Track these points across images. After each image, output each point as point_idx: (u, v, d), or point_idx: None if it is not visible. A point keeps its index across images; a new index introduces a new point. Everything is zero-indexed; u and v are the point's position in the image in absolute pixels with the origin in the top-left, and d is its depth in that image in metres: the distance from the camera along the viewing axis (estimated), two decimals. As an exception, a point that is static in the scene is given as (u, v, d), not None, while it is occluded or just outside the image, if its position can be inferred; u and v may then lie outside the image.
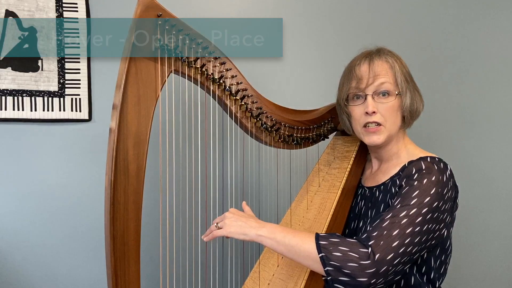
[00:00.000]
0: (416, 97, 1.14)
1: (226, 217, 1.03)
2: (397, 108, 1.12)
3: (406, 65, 1.16)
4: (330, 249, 0.94)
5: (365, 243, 0.95)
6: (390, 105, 1.11)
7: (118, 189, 0.95)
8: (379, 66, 1.12)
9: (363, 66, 1.13)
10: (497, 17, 1.93)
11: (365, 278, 0.91)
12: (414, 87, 1.15)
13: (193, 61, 1.05)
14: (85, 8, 1.53)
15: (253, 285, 1.17)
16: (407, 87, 1.12)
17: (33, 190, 1.52)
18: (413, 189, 1.01)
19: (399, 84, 1.11)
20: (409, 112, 1.13)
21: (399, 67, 1.12)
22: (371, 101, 1.11)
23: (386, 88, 1.11)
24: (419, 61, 1.84)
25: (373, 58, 1.13)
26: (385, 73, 1.11)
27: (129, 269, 0.97)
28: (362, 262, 0.92)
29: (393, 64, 1.12)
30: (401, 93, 1.11)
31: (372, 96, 1.11)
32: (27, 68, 1.49)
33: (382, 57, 1.13)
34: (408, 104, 1.12)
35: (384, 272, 0.93)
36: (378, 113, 1.11)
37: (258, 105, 1.16)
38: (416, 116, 1.16)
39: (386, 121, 1.12)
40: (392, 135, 1.14)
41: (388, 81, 1.11)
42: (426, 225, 0.98)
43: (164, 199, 1.06)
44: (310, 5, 1.75)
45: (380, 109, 1.11)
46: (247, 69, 1.18)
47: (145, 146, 0.98)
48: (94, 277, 1.56)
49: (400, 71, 1.12)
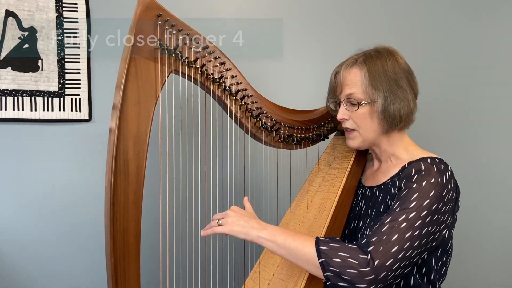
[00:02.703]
0: (394, 102, 1.09)
1: (228, 215, 1.03)
2: (369, 115, 1.12)
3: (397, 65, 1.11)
4: (330, 254, 0.95)
5: (365, 249, 0.95)
6: (360, 113, 1.12)
7: (118, 189, 0.95)
8: (349, 75, 1.13)
9: (336, 75, 1.17)
10: (498, 16, 1.93)
11: (364, 284, 0.92)
12: (392, 92, 1.09)
13: (193, 61, 1.05)
14: (85, 8, 1.54)
15: (253, 285, 1.17)
16: (379, 94, 1.09)
17: (33, 190, 1.52)
18: (412, 192, 1.01)
19: (365, 93, 1.10)
20: (383, 118, 1.10)
21: (372, 74, 1.10)
22: (342, 108, 1.16)
23: (353, 98, 1.12)
24: (420, 61, 1.82)
25: (343, 67, 1.14)
26: (353, 83, 1.12)
27: (129, 269, 0.97)
28: (361, 269, 0.92)
29: (364, 73, 1.10)
30: (368, 102, 1.11)
31: (344, 103, 1.15)
32: (27, 68, 1.49)
33: (356, 65, 1.12)
34: (379, 110, 1.10)
35: (383, 277, 0.93)
36: (351, 119, 1.15)
37: (258, 105, 1.16)
38: (396, 120, 1.11)
39: (359, 127, 1.15)
40: (369, 140, 1.16)
41: (354, 91, 1.11)
42: (425, 228, 0.98)
43: (164, 199, 1.06)
44: (310, 5, 1.75)
45: (352, 116, 1.14)
46: (247, 69, 1.18)
47: (145, 146, 0.98)
48: (94, 277, 1.56)
49: (369, 79, 1.09)
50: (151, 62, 0.99)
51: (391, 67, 1.11)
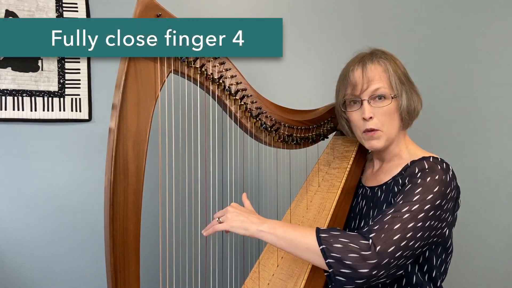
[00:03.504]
0: (413, 97, 1.13)
1: (228, 211, 1.03)
2: (394, 111, 1.12)
3: (402, 65, 1.15)
4: (330, 241, 0.94)
5: (366, 236, 0.95)
6: (387, 109, 1.11)
7: (118, 189, 0.95)
8: (372, 71, 1.11)
9: (356, 72, 1.13)
10: (499, 16, 1.93)
11: (367, 269, 0.91)
12: (410, 87, 1.14)
13: (192, 61, 1.05)
14: (85, 8, 1.54)
15: (253, 285, 1.17)
16: (403, 88, 1.11)
17: (33, 190, 1.52)
18: (416, 186, 1.01)
19: (393, 86, 1.11)
20: (407, 113, 1.13)
21: (393, 69, 1.11)
22: (367, 106, 1.11)
23: (381, 93, 1.11)
24: (420, 61, 1.84)
25: (366, 62, 1.12)
26: (379, 77, 1.11)
27: (129, 269, 0.97)
28: (363, 253, 0.92)
29: (387, 67, 1.11)
30: (397, 96, 1.11)
31: (368, 101, 1.12)
32: (27, 68, 1.49)
33: (375, 61, 1.12)
34: (405, 105, 1.12)
35: (386, 264, 0.92)
36: (375, 118, 1.12)
37: (258, 105, 1.16)
38: (414, 116, 1.15)
39: (384, 125, 1.12)
40: (391, 138, 1.14)
41: (382, 86, 1.11)
42: (428, 221, 0.98)
43: (163, 199, 1.06)
44: (310, 5, 1.75)
45: (377, 113, 1.11)
46: (246, 69, 1.18)
47: (145, 146, 0.98)
48: (94, 277, 1.56)
49: (394, 73, 1.11)
50: (151, 62, 0.99)
51: (401, 65, 1.14)
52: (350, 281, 0.93)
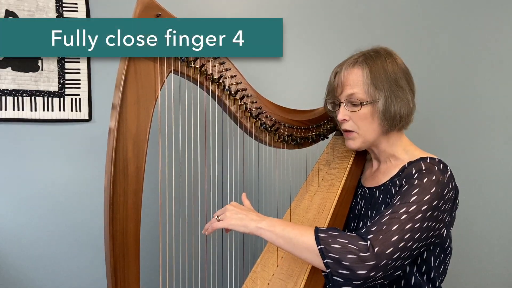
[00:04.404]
0: (395, 102, 1.09)
1: (227, 209, 1.04)
2: (370, 115, 1.11)
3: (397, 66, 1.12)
4: (329, 241, 0.94)
5: (364, 237, 0.95)
6: (361, 114, 1.11)
7: (118, 189, 0.95)
8: (347, 76, 1.12)
9: (336, 76, 1.16)
10: (499, 16, 1.93)
11: (364, 270, 0.91)
12: (394, 92, 1.10)
13: (192, 61, 1.05)
14: (85, 8, 1.54)
15: (253, 285, 1.17)
16: (380, 94, 1.09)
17: (33, 190, 1.52)
18: (414, 187, 1.01)
19: (367, 93, 1.10)
20: (384, 118, 1.10)
21: (374, 74, 1.09)
22: (342, 109, 1.14)
23: (354, 98, 1.11)
24: (420, 61, 1.83)
25: (343, 67, 1.13)
26: (354, 83, 1.11)
27: (129, 269, 0.97)
28: (361, 254, 0.92)
29: (366, 72, 1.10)
30: (370, 102, 1.10)
31: (344, 103, 1.14)
32: (27, 68, 1.49)
33: (356, 65, 1.12)
34: (380, 111, 1.10)
35: (384, 265, 0.92)
36: (351, 120, 1.14)
37: (258, 105, 1.16)
38: (396, 120, 1.11)
39: (359, 128, 1.14)
40: (369, 141, 1.15)
41: (356, 91, 1.11)
42: (425, 222, 0.98)
43: (163, 199, 1.07)
44: (310, 5, 1.75)
45: (352, 116, 1.13)
46: (246, 69, 1.18)
47: (145, 146, 0.98)
48: (94, 277, 1.56)
49: (371, 79, 1.09)
50: (150, 62, 0.99)
51: (391, 67, 1.11)
52: (347, 282, 0.93)
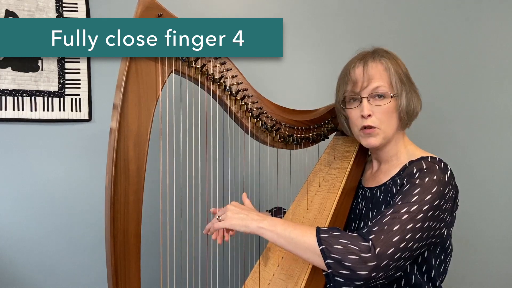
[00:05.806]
0: (412, 98, 1.13)
1: (228, 209, 1.03)
2: (393, 110, 1.12)
3: (403, 64, 1.15)
4: (330, 241, 0.94)
5: (366, 237, 0.95)
6: (386, 108, 1.11)
7: (118, 189, 0.95)
8: (373, 69, 1.11)
9: (357, 69, 1.13)
10: (499, 16, 1.93)
11: (366, 271, 0.91)
12: (410, 87, 1.14)
13: (193, 61, 1.05)
14: (85, 8, 1.54)
15: (253, 285, 1.17)
16: (403, 88, 1.11)
17: (33, 190, 1.52)
18: (415, 187, 1.01)
19: (394, 86, 1.11)
20: (406, 113, 1.13)
21: (394, 68, 1.11)
22: (366, 104, 1.11)
23: (381, 91, 1.11)
24: (420, 61, 1.83)
25: (367, 60, 1.12)
26: (380, 76, 1.11)
27: (129, 269, 0.97)
28: (363, 255, 0.92)
29: (388, 66, 1.11)
30: (397, 95, 1.11)
31: (367, 98, 1.12)
32: (27, 68, 1.49)
33: (377, 59, 1.12)
34: (404, 105, 1.12)
35: (385, 266, 0.92)
36: (374, 116, 1.12)
37: (259, 105, 1.16)
38: (413, 116, 1.15)
39: (382, 124, 1.12)
40: (389, 137, 1.14)
41: (382, 84, 1.11)
42: (427, 222, 0.98)
43: (164, 199, 1.06)
44: (310, 5, 1.75)
45: (376, 111, 1.11)
46: (247, 69, 1.18)
47: (146, 146, 0.98)
48: (94, 277, 1.56)
49: (395, 72, 1.11)
50: (152, 62, 0.99)
51: (403, 65, 1.14)
52: (348, 282, 0.93)
